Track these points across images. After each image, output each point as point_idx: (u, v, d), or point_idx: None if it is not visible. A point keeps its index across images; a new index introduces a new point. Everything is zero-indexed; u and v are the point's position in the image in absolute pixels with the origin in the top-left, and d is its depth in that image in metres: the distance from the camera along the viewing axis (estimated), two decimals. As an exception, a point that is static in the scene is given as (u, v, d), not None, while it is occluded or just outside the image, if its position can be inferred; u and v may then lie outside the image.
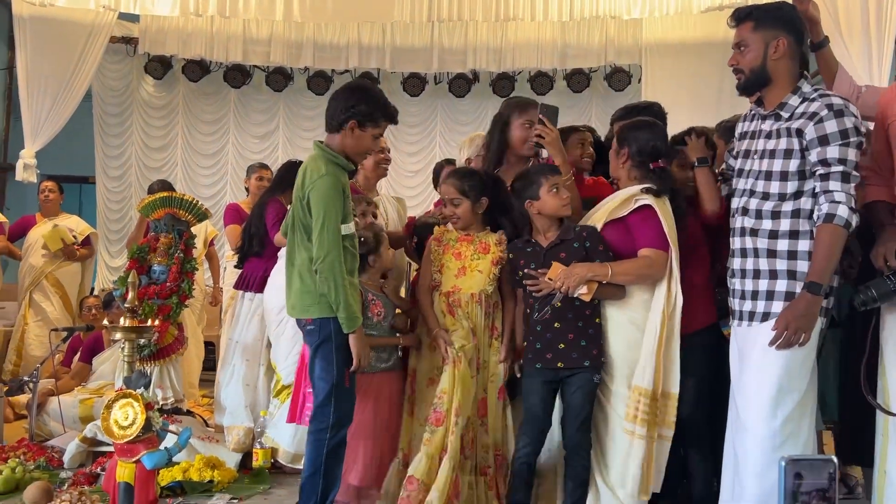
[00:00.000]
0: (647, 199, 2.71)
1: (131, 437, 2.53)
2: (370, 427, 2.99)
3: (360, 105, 2.70)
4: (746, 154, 2.57)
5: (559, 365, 2.71)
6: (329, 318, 2.66)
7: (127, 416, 2.54)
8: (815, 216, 2.38)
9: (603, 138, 3.56)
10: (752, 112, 2.62)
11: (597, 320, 2.76)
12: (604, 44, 7.56)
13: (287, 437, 3.68)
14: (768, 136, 2.49)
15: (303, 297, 2.71)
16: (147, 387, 2.60)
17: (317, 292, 2.66)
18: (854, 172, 2.36)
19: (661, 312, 2.68)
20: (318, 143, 2.76)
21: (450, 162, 4.65)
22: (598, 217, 2.86)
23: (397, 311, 3.21)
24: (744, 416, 2.42)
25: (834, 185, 2.34)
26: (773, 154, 2.45)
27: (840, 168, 2.34)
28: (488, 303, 2.98)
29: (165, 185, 5.20)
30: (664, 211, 2.72)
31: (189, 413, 4.45)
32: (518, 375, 2.93)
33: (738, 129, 2.70)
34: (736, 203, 2.57)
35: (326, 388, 2.69)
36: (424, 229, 3.31)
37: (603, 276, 2.66)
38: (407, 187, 8.21)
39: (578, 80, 7.89)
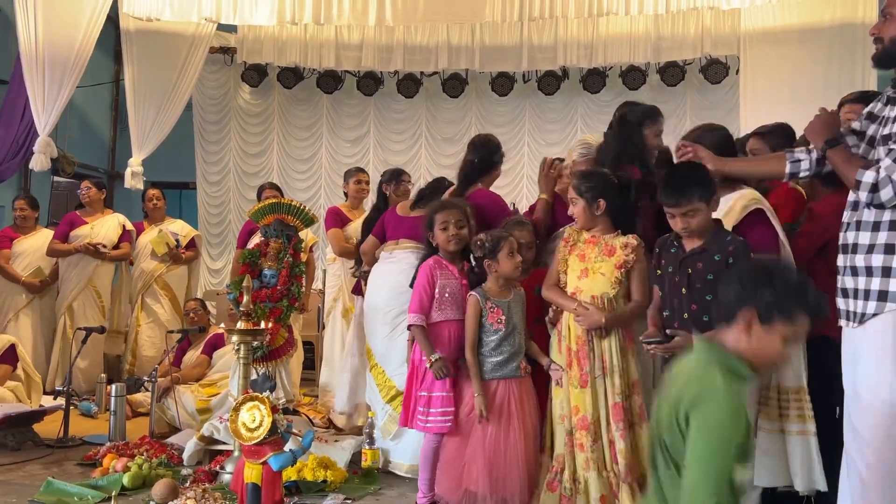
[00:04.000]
0: (759, 204, 2.72)
1: (259, 440, 2.59)
2: (486, 435, 2.99)
3: (763, 291, 1.71)
4: (871, 141, 2.38)
5: None
6: None
7: (254, 419, 2.60)
8: None
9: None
10: (887, 94, 2.39)
11: None
12: (700, 35, 7.30)
13: (408, 452, 3.71)
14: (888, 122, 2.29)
15: None
16: (272, 390, 2.66)
17: None
18: None
19: None
20: (705, 341, 1.79)
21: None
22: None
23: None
24: (859, 426, 2.27)
25: (886, 161, 2.18)
26: (879, 141, 2.29)
27: None
28: (611, 306, 2.90)
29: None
30: (773, 213, 2.72)
31: (296, 412, 4.57)
32: None
33: (869, 107, 2.47)
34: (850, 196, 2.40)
35: None
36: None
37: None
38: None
39: (672, 73, 7.65)
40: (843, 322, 2.37)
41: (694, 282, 2.61)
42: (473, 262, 3.21)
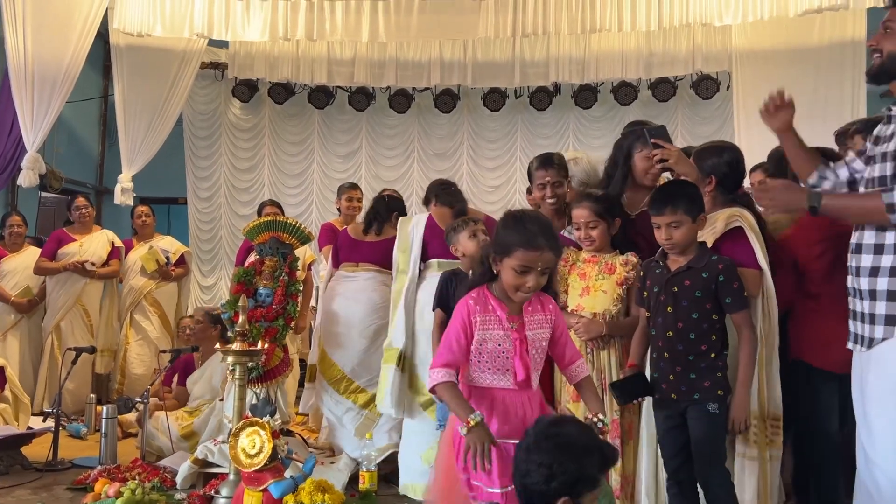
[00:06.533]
0: (739, 222, 2.74)
1: (259, 466, 2.53)
2: None
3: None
4: (869, 161, 2.34)
5: (672, 396, 2.63)
6: None
7: (254, 445, 2.55)
8: None
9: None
10: (887, 113, 2.34)
11: (712, 355, 2.60)
12: (691, 51, 7.35)
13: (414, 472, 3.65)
14: (889, 139, 2.25)
15: None
16: (273, 414, 2.61)
17: None
18: None
19: (759, 332, 2.66)
20: None
21: None
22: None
23: None
24: (870, 452, 2.24)
25: None
26: (884, 157, 2.22)
27: None
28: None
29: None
30: (755, 232, 2.72)
31: (290, 433, 4.50)
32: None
33: (875, 131, 2.42)
34: None
35: None
36: None
37: None
38: (487, 202, 8.15)
39: (664, 88, 7.69)
40: (851, 345, 2.34)
41: (680, 300, 2.61)
42: None
